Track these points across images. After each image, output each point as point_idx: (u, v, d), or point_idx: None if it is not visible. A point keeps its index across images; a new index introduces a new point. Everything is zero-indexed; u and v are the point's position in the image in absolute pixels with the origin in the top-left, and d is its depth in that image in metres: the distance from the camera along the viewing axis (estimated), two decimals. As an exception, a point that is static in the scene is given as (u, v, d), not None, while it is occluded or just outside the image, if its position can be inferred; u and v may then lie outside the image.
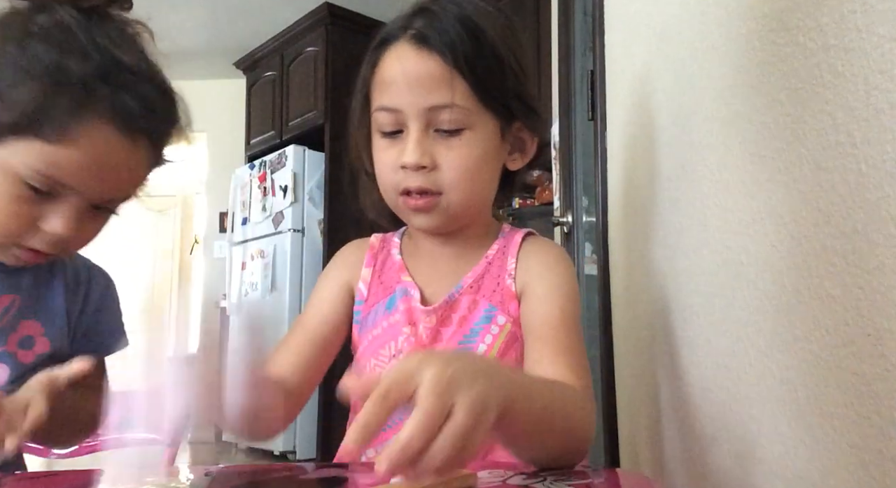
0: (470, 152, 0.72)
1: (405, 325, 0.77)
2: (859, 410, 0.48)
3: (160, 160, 0.77)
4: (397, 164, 0.72)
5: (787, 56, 0.58)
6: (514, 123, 0.77)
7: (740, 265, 0.69)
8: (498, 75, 0.72)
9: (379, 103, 0.74)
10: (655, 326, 1.02)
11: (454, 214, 0.74)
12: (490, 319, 0.76)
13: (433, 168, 0.71)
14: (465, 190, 0.73)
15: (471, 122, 0.72)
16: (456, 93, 0.70)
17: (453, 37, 0.70)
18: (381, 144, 0.75)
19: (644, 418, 1.14)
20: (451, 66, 0.70)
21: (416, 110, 0.71)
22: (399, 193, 0.73)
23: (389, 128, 0.73)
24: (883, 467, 0.46)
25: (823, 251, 0.53)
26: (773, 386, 0.62)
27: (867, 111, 0.47)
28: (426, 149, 0.71)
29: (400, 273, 0.81)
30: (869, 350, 0.47)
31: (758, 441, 0.65)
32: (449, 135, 0.71)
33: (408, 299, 0.78)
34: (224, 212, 4.67)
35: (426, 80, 0.70)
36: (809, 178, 0.55)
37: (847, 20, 0.49)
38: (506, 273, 0.78)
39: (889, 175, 0.44)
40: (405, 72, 0.71)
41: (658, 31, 1.00)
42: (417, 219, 0.75)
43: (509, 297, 0.76)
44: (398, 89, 0.71)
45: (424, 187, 0.71)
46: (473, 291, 0.77)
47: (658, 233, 1.00)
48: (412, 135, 0.71)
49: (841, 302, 0.51)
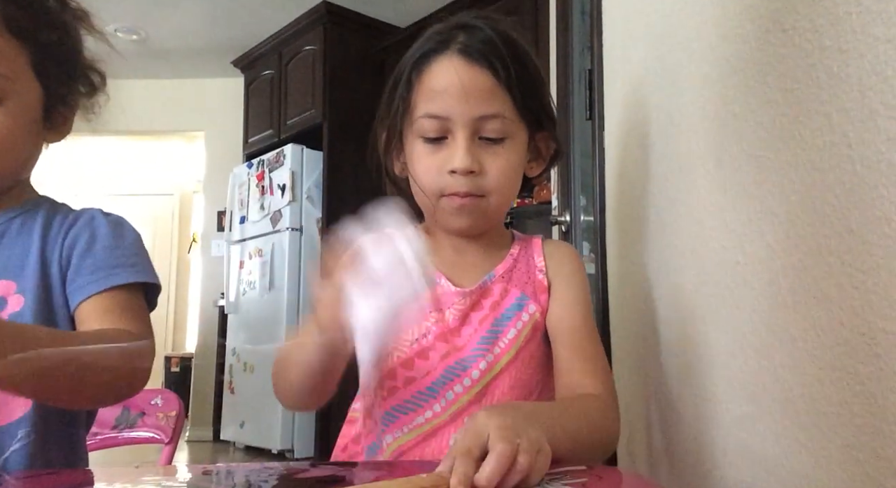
0: (511, 159, 0.79)
1: (432, 310, 0.80)
2: (854, 409, 0.49)
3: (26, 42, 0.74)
4: (444, 169, 0.77)
5: (783, 57, 0.58)
6: (539, 133, 0.83)
7: (736, 265, 0.69)
8: (533, 88, 0.79)
9: (426, 110, 0.78)
10: (652, 325, 1.02)
11: (490, 216, 0.81)
12: (521, 307, 0.81)
13: (479, 173, 0.77)
14: (503, 193, 0.80)
15: (511, 131, 0.78)
16: (504, 105, 0.77)
17: (502, 54, 0.76)
18: (423, 149, 0.79)
19: (640, 417, 1.14)
20: (499, 78, 0.76)
21: (465, 119, 0.76)
22: (442, 196, 0.78)
23: (434, 135, 0.78)
24: (877, 466, 0.46)
25: (819, 251, 0.53)
26: (769, 385, 0.62)
27: (862, 112, 0.47)
28: (474, 154, 0.76)
29: None
30: (864, 349, 0.47)
31: (753, 440, 0.66)
32: (493, 143, 0.77)
33: (435, 287, 0.81)
34: (222, 211, 4.67)
35: (477, 91, 0.76)
36: (805, 179, 0.55)
37: (843, 22, 0.49)
38: (536, 268, 0.85)
39: (884, 175, 0.45)
40: (457, 83, 0.76)
41: (656, 31, 1.00)
42: (457, 219, 0.80)
43: (541, 289, 0.83)
44: (449, 98, 0.76)
45: (471, 191, 0.77)
46: (505, 281, 0.83)
47: (655, 232, 1.00)
48: (461, 143, 0.76)
49: (836, 301, 0.51)
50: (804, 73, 0.55)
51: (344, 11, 3.92)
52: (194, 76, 4.89)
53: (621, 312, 1.32)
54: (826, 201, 0.52)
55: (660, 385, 0.99)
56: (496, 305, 0.82)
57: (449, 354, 0.79)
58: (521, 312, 0.81)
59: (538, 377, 0.82)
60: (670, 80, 0.93)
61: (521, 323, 0.81)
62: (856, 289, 0.48)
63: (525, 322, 0.81)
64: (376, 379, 0.81)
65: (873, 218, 0.46)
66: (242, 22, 4.11)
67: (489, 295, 0.82)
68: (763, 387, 0.64)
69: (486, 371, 0.79)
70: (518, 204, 2.79)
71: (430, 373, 0.79)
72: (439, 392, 0.79)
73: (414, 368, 0.80)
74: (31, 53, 0.76)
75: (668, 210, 0.93)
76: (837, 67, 0.50)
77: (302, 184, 3.89)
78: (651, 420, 1.06)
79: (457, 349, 0.80)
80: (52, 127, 0.82)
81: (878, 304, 0.46)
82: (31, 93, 0.77)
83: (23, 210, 0.82)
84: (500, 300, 0.82)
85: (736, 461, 0.70)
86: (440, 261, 0.84)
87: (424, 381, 0.79)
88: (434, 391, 0.79)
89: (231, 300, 4.19)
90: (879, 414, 0.46)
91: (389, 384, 0.81)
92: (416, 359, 0.80)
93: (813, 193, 0.54)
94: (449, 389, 0.79)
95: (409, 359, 0.80)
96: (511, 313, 0.81)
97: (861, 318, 0.48)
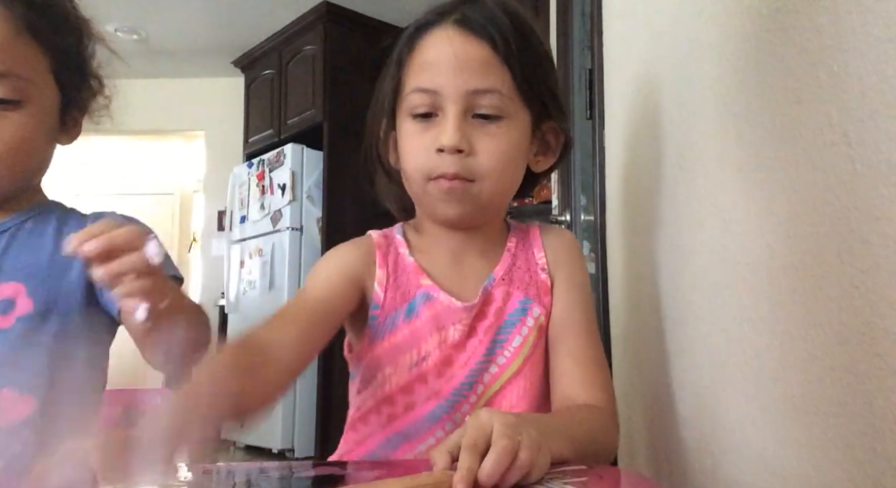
0: (507, 140, 0.71)
1: (433, 332, 0.74)
2: (854, 409, 0.49)
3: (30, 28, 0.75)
4: (431, 148, 0.70)
5: (784, 56, 0.58)
6: (545, 123, 0.76)
7: (736, 264, 0.69)
8: (538, 68, 0.72)
9: (416, 84, 0.72)
10: (652, 324, 1.02)
11: (482, 204, 0.73)
12: (526, 311, 0.76)
13: (469, 153, 0.69)
14: (497, 179, 0.71)
15: (509, 111, 0.71)
16: (501, 79, 0.69)
17: (501, 24, 0.70)
18: (412, 128, 0.72)
19: (641, 416, 1.14)
20: (498, 52, 0.69)
21: (456, 92, 0.69)
22: (430, 179, 0.71)
23: (423, 110, 0.71)
24: (877, 465, 0.46)
25: (819, 250, 0.53)
26: (769, 384, 0.62)
27: (863, 111, 0.47)
28: (465, 133, 0.69)
29: (418, 276, 0.77)
30: (864, 349, 0.47)
31: (753, 439, 0.66)
32: (487, 122, 0.70)
33: (432, 304, 0.75)
34: (222, 211, 4.67)
35: (472, 63, 0.69)
36: (805, 178, 0.55)
37: (843, 21, 0.49)
38: (538, 266, 0.78)
39: (884, 175, 0.45)
40: (450, 53, 0.69)
41: (656, 30, 1.00)
42: (446, 206, 0.72)
43: (545, 290, 0.77)
44: (440, 70, 0.70)
45: (459, 173, 0.69)
46: (506, 283, 0.77)
47: (655, 232, 1.00)
48: (450, 118, 0.69)
49: (836, 301, 0.51)
50: (805, 72, 0.54)
51: (344, 11, 3.93)
52: (194, 76, 4.90)
53: (621, 312, 1.32)
54: (826, 201, 0.52)
55: (660, 385, 0.99)
56: (500, 312, 0.75)
57: (453, 376, 0.74)
58: (525, 318, 0.75)
59: (548, 383, 0.77)
60: (670, 80, 0.93)
61: (527, 328, 0.75)
62: (856, 289, 0.48)
63: (530, 328, 0.75)
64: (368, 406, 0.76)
65: (873, 217, 0.46)
66: (242, 22, 4.11)
67: (492, 301, 0.76)
68: (763, 387, 0.63)
69: (490, 383, 0.74)
70: (518, 203, 2.79)
71: (432, 397, 0.73)
72: (442, 416, 0.73)
73: (414, 393, 0.74)
74: (51, 58, 0.77)
75: (668, 209, 0.93)
76: (838, 67, 0.50)
77: (302, 184, 3.89)
78: (651, 419, 1.06)
79: (461, 366, 0.74)
80: (65, 131, 0.83)
81: (878, 304, 0.46)
82: (50, 97, 0.78)
83: (34, 213, 0.83)
84: (502, 305, 0.76)
85: (736, 461, 0.70)
86: (434, 272, 0.77)
87: (427, 405, 0.73)
88: (436, 416, 0.73)
89: (231, 300, 4.19)
90: (879, 413, 0.46)
91: (388, 411, 0.75)
92: (416, 383, 0.74)
93: (813, 193, 0.54)
94: (456, 412, 0.73)
95: (408, 385, 0.74)
96: (515, 319, 0.75)
97: (861, 318, 0.48)
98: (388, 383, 0.74)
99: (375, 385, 0.76)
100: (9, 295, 0.77)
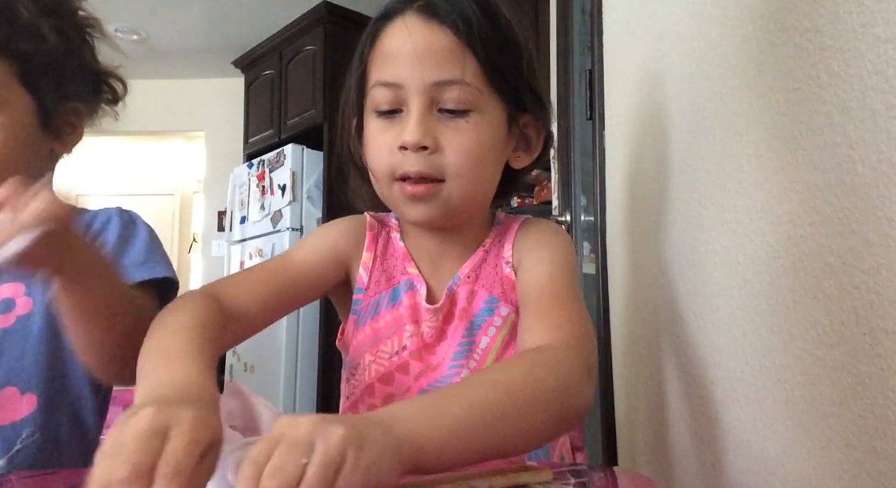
0: (477, 136, 0.65)
1: (409, 323, 0.72)
2: (855, 409, 0.49)
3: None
4: (395, 146, 0.65)
5: (784, 56, 0.58)
6: (522, 117, 0.71)
7: (737, 265, 0.69)
8: (510, 57, 0.67)
9: (377, 78, 0.67)
10: (652, 325, 1.02)
11: (454, 207, 0.67)
12: (492, 311, 0.71)
13: (435, 150, 0.64)
14: (468, 179, 0.66)
15: (479, 104, 0.65)
16: (466, 69, 0.64)
17: (466, 10, 0.65)
18: (376, 125, 0.68)
19: (641, 416, 1.14)
20: (463, 40, 0.64)
21: (419, 85, 0.64)
22: (395, 179, 0.66)
23: (386, 107, 0.66)
24: (878, 466, 0.46)
25: (820, 251, 0.53)
26: (770, 385, 0.62)
27: (863, 112, 0.47)
28: (429, 128, 0.64)
29: (405, 262, 0.75)
30: (865, 349, 0.47)
31: (754, 439, 0.66)
32: (454, 116, 0.65)
33: (413, 294, 0.73)
34: (222, 211, 4.67)
35: (434, 53, 0.64)
36: (806, 178, 0.55)
37: (843, 21, 0.49)
38: (503, 261, 0.73)
39: (885, 175, 0.45)
40: (410, 43, 0.64)
41: (656, 31, 1.00)
42: (413, 209, 0.68)
43: (510, 287, 0.71)
44: (401, 62, 0.65)
45: (425, 172, 0.65)
46: (471, 281, 0.73)
47: (656, 232, 1.00)
48: (413, 113, 0.64)
49: (837, 301, 0.51)
50: (805, 72, 0.55)
51: (344, 11, 3.92)
52: (194, 76, 4.89)
53: (621, 312, 1.32)
54: (826, 201, 0.52)
55: (660, 384, 0.99)
56: (464, 313, 0.71)
57: (423, 373, 0.71)
58: (491, 317, 0.71)
59: None
60: (671, 80, 0.93)
61: (494, 329, 0.71)
62: (857, 289, 0.48)
63: (498, 327, 0.71)
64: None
65: (874, 218, 0.46)
66: (242, 22, 4.11)
67: (456, 301, 0.72)
68: (763, 387, 0.63)
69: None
70: (518, 203, 2.79)
71: (409, 390, 0.71)
72: None
73: (394, 383, 0.71)
74: (14, 64, 0.75)
75: (669, 210, 0.93)
76: (838, 67, 0.50)
77: (302, 184, 3.89)
78: (652, 420, 1.06)
79: (432, 368, 0.71)
80: (56, 136, 0.81)
81: (878, 304, 0.46)
82: (20, 104, 0.76)
83: None
84: (467, 305, 0.71)
85: (736, 461, 0.70)
86: (420, 261, 0.75)
87: (406, 398, 0.70)
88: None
89: (231, 300, 4.19)
90: (880, 413, 0.46)
91: (368, 402, 0.72)
92: (397, 372, 0.71)
93: (814, 193, 0.54)
94: None
95: (388, 374, 0.71)
96: (481, 319, 0.71)
97: (861, 318, 0.48)
98: (369, 372, 0.72)
99: (359, 374, 0.74)
100: (9, 294, 0.77)
